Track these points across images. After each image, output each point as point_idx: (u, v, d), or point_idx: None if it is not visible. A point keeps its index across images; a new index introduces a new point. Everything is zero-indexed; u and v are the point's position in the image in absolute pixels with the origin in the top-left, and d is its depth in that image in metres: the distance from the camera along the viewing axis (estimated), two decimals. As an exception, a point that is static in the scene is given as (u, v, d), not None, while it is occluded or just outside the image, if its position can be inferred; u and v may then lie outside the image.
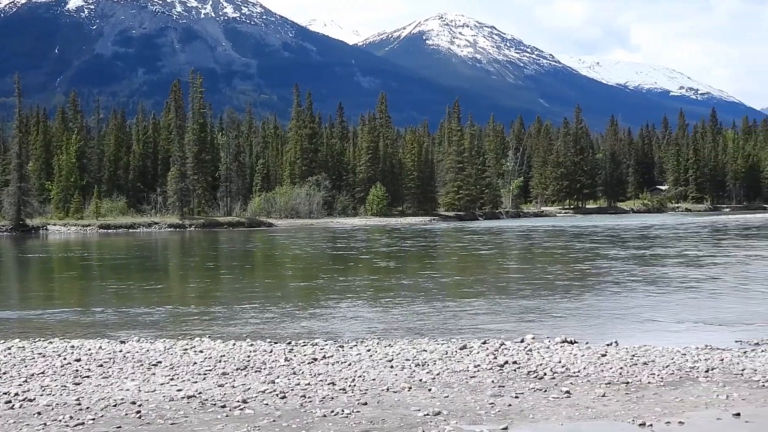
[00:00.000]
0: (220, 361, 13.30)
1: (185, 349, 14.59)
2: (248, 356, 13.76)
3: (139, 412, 9.92)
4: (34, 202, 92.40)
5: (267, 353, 14.09)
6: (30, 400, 10.54)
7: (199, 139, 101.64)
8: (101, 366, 12.96)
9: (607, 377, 11.76)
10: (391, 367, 12.60)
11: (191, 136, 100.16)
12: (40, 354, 14.20)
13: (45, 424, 9.40)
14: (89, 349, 14.66)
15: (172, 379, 11.87)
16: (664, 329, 17.91)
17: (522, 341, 15.27)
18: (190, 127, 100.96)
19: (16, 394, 10.84)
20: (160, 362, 13.30)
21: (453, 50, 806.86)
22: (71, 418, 9.65)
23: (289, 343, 15.35)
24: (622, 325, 18.51)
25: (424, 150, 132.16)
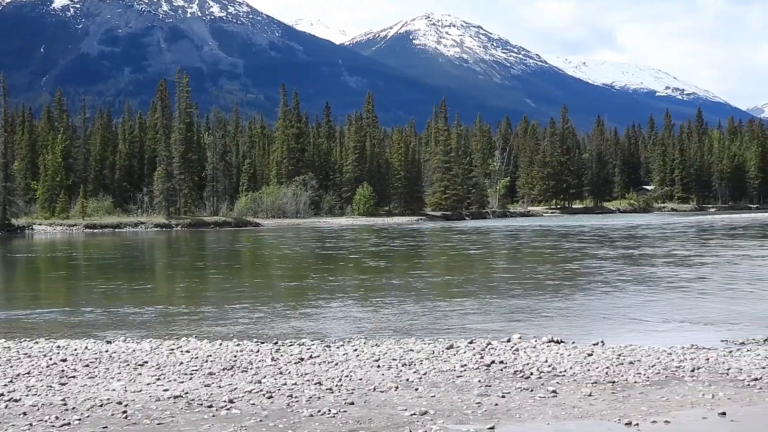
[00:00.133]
0: (206, 361, 13.27)
1: (171, 349, 14.55)
2: (235, 356, 13.73)
3: (125, 412, 9.90)
4: (19, 202, 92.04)
5: (254, 353, 14.07)
6: (15, 401, 10.49)
7: (186, 138, 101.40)
8: (87, 366, 12.92)
9: (594, 377, 11.79)
10: (378, 367, 12.60)
11: (177, 136, 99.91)
12: (25, 354, 14.14)
13: (31, 425, 9.36)
14: (75, 350, 14.61)
15: (158, 379, 11.84)
16: (651, 329, 17.95)
17: (509, 341, 15.27)
18: (177, 127, 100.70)
19: (2, 395, 10.79)
20: (146, 362, 13.27)
21: (440, 50, 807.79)
22: (57, 418, 9.62)
23: (276, 343, 15.32)
24: (608, 325, 18.55)
25: (410, 150, 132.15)
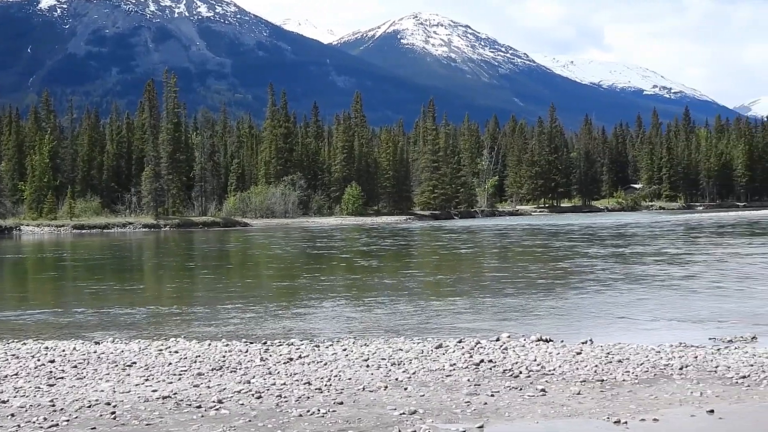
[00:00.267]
0: (195, 362, 13.24)
1: (160, 350, 14.52)
2: (224, 356, 13.70)
3: (113, 413, 9.86)
4: (7, 203, 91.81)
5: (242, 353, 14.04)
6: (3, 402, 10.44)
7: (174, 138, 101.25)
8: (75, 367, 12.87)
9: (582, 375, 11.80)
10: (367, 367, 12.59)
11: (165, 136, 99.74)
12: (13, 355, 14.08)
13: (19, 426, 9.32)
14: (63, 351, 14.56)
15: (147, 380, 11.80)
16: (639, 327, 17.98)
17: (498, 340, 15.28)
18: (165, 127, 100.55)
19: (-11, 396, 10.75)
20: (135, 363, 13.23)
21: (428, 49, 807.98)
22: (45, 419, 9.58)
23: (265, 343, 15.29)
24: (597, 323, 18.58)
25: (399, 149, 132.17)
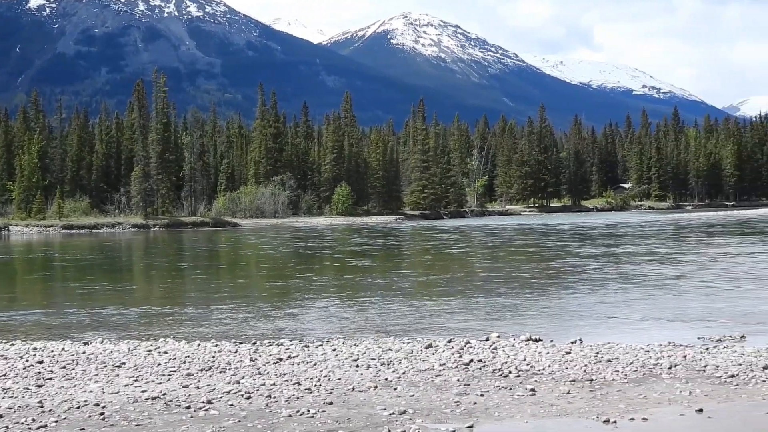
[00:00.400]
0: (184, 362, 13.22)
1: (149, 350, 14.49)
2: (213, 357, 13.68)
3: (102, 413, 9.84)
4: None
5: (232, 354, 14.02)
6: (-9, 403, 10.42)
7: (163, 138, 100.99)
8: (64, 368, 12.84)
9: (572, 375, 11.83)
10: (357, 367, 12.59)
11: (155, 136, 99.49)
12: (1, 356, 14.04)
13: (7, 427, 9.29)
14: (52, 351, 14.52)
15: (136, 381, 11.78)
16: (628, 326, 18.03)
17: (487, 339, 15.29)
18: (154, 127, 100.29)
19: (-22, 397, 10.71)
20: (124, 363, 13.20)
21: (417, 49, 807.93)
22: (34, 420, 9.55)
23: (254, 344, 15.28)
24: (586, 323, 18.62)
25: (389, 149, 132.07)
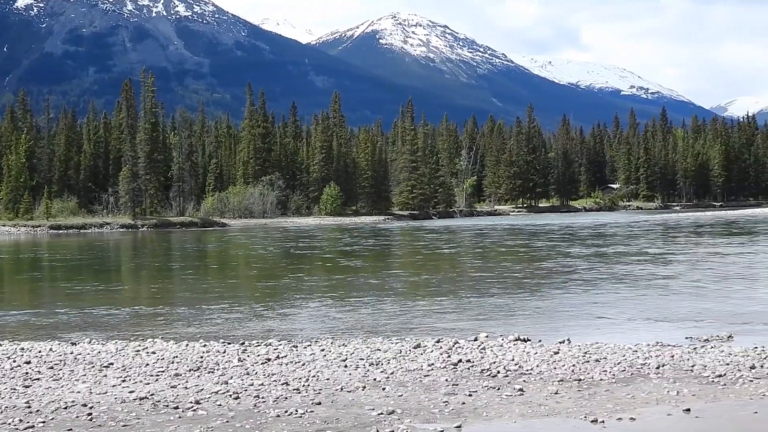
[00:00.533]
0: (172, 362, 13.19)
1: (137, 351, 14.45)
2: (201, 357, 13.66)
3: (90, 414, 9.81)
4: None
5: (220, 354, 14.00)
6: (-22, 404, 10.38)
7: (151, 138, 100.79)
8: (52, 368, 12.80)
9: (560, 375, 11.85)
10: (345, 367, 12.58)
11: (143, 136, 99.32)
12: (-12, 357, 13.99)
13: (-6, 428, 9.27)
14: (40, 352, 14.47)
15: (124, 381, 11.75)
16: (616, 326, 18.06)
17: (475, 340, 15.30)
18: (142, 127, 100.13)
19: (-36, 398, 10.66)
20: (111, 364, 13.17)
21: (406, 49, 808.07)
22: (21, 421, 9.52)
23: (243, 344, 15.26)
24: (574, 323, 18.64)
25: (377, 149, 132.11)
